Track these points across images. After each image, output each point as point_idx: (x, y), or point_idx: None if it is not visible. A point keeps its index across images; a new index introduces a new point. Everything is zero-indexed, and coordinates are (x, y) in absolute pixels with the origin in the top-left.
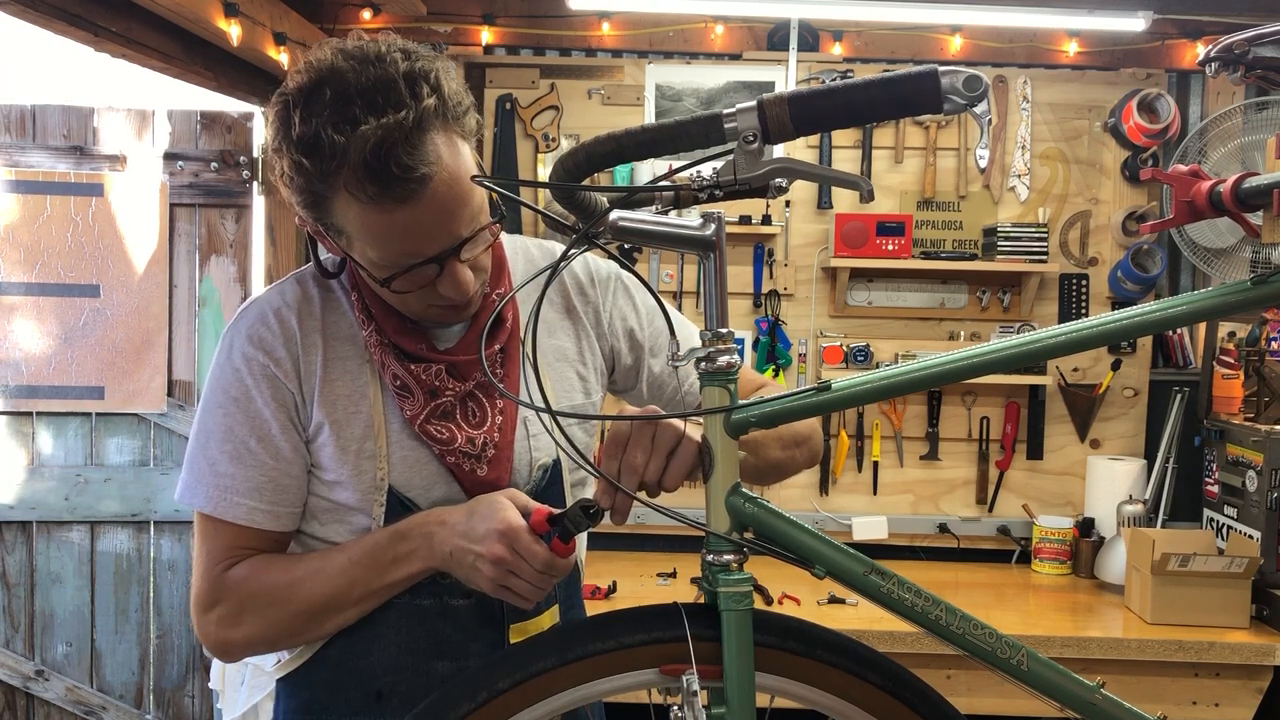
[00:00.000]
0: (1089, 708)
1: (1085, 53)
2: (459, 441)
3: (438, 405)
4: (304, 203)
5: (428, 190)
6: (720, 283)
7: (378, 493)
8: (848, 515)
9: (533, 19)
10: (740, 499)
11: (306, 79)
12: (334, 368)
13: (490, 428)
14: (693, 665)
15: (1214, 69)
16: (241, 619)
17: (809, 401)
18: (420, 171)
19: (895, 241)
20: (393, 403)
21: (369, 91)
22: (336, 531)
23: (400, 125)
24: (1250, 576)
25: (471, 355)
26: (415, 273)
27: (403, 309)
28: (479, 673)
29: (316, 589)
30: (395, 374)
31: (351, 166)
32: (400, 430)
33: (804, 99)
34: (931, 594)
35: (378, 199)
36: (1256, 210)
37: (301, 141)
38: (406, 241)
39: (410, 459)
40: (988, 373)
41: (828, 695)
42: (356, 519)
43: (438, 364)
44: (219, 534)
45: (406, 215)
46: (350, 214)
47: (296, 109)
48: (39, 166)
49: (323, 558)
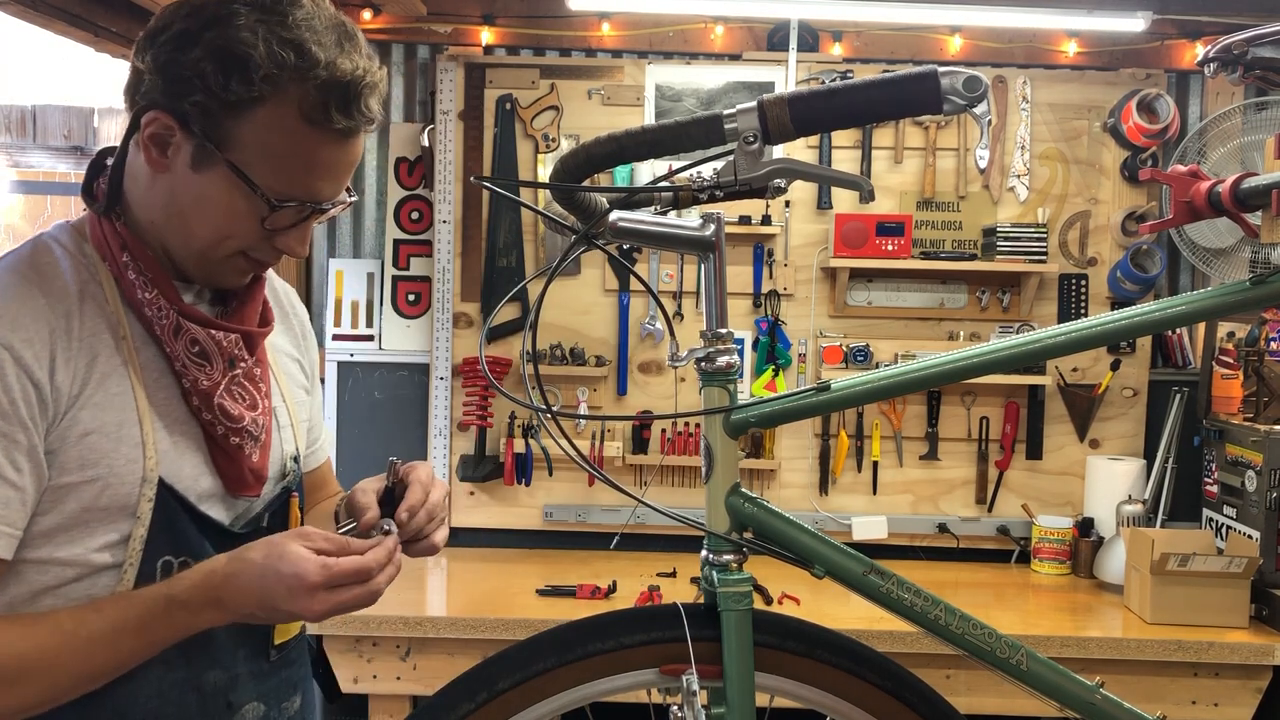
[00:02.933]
0: (1089, 708)
1: (1085, 53)
2: (246, 420)
3: (233, 377)
4: (210, 101)
5: (356, 140)
6: (720, 283)
7: (146, 486)
8: (847, 515)
9: (533, 19)
10: (740, 499)
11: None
12: (89, 345)
13: (262, 410)
14: (692, 665)
15: (1213, 69)
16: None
17: (809, 401)
18: (370, 117)
19: (895, 241)
20: (158, 381)
21: (334, 30)
22: (87, 547)
23: (372, 73)
24: (1250, 576)
25: (260, 329)
26: (289, 210)
27: (211, 251)
28: (479, 672)
29: (69, 658)
30: (194, 339)
31: (318, 83)
32: (164, 412)
33: (804, 100)
34: (931, 594)
35: (321, 124)
36: (1255, 210)
37: (270, 38)
38: (313, 175)
39: (178, 445)
40: (987, 373)
41: (828, 695)
42: (118, 524)
43: (235, 332)
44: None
45: (330, 151)
46: (278, 127)
47: (251, 8)
48: (39, 166)
49: (63, 625)
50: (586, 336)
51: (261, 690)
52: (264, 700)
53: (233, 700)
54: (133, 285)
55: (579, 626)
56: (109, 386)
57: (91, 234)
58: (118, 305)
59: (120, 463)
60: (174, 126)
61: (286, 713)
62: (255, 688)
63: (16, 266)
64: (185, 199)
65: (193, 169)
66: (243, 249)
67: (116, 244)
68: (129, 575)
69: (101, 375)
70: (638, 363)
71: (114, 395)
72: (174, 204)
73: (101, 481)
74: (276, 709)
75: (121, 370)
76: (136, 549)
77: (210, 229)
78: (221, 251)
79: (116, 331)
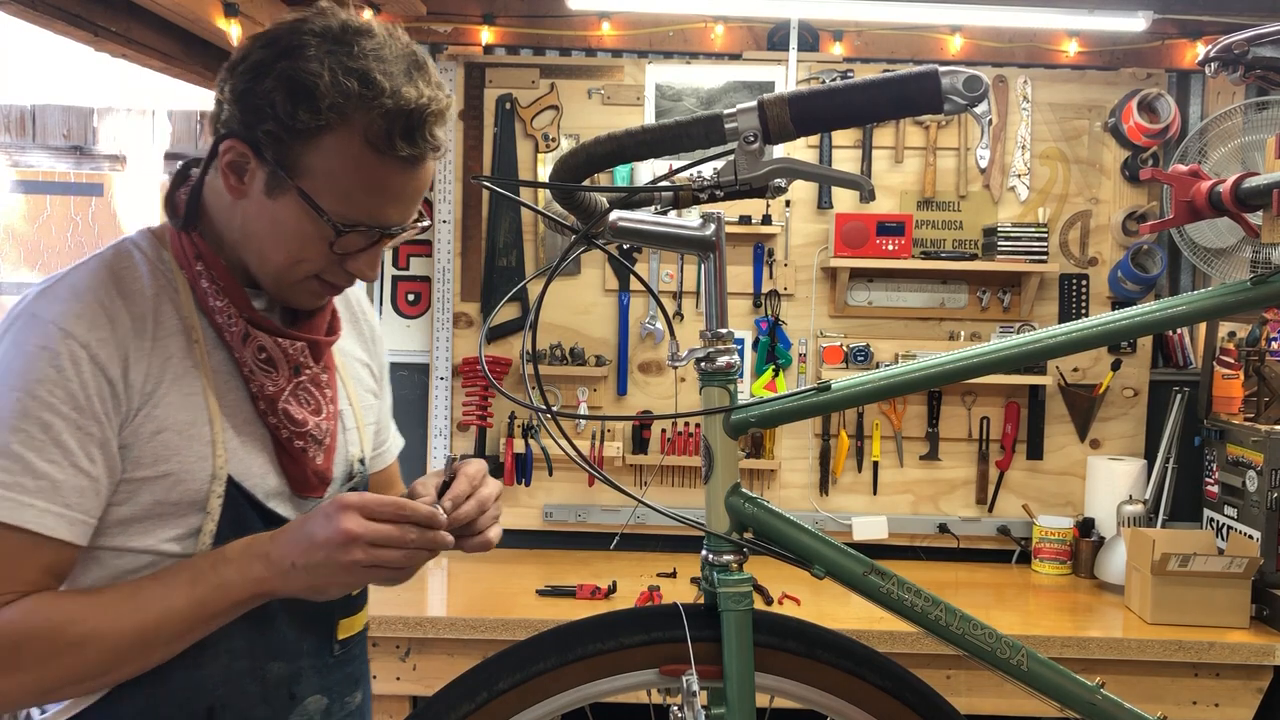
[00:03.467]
0: (1089, 708)
1: (1085, 53)
2: (310, 425)
3: (298, 383)
4: (280, 130)
5: (422, 167)
6: (720, 283)
7: (216, 483)
8: (848, 515)
9: (533, 19)
10: (740, 499)
11: (334, 24)
12: (164, 346)
13: (326, 415)
14: (693, 666)
15: (1214, 69)
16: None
17: (809, 401)
18: (434, 145)
19: (895, 241)
20: (228, 384)
21: (404, 60)
22: (159, 538)
23: (438, 101)
24: (1250, 576)
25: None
26: (357, 235)
27: (286, 274)
28: (479, 672)
29: (123, 622)
30: (261, 345)
31: (383, 111)
32: (234, 414)
33: (804, 99)
34: (931, 594)
35: (387, 151)
36: (1256, 210)
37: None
38: (381, 201)
39: (246, 446)
40: (988, 373)
41: (828, 695)
42: (189, 518)
43: (302, 340)
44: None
45: (397, 179)
46: (345, 154)
47: (323, 39)
48: (39, 166)
49: (123, 587)
50: (586, 336)
51: (325, 684)
52: (327, 694)
53: (296, 692)
54: (205, 293)
55: (579, 626)
56: (181, 387)
57: (170, 242)
58: (192, 310)
59: (191, 460)
60: (249, 154)
61: (348, 707)
62: (319, 681)
63: (97, 270)
64: (260, 224)
65: (267, 195)
66: (315, 273)
67: (192, 254)
68: None
69: (174, 376)
70: (638, 363)
71: (186, 396)
72: (250, 228)
73: (173, 477)
74: (339, 703)
75: (194, 372)
76: (206, 542)
77: (284, 253)
78: (295, 275)
79: (190, 335)
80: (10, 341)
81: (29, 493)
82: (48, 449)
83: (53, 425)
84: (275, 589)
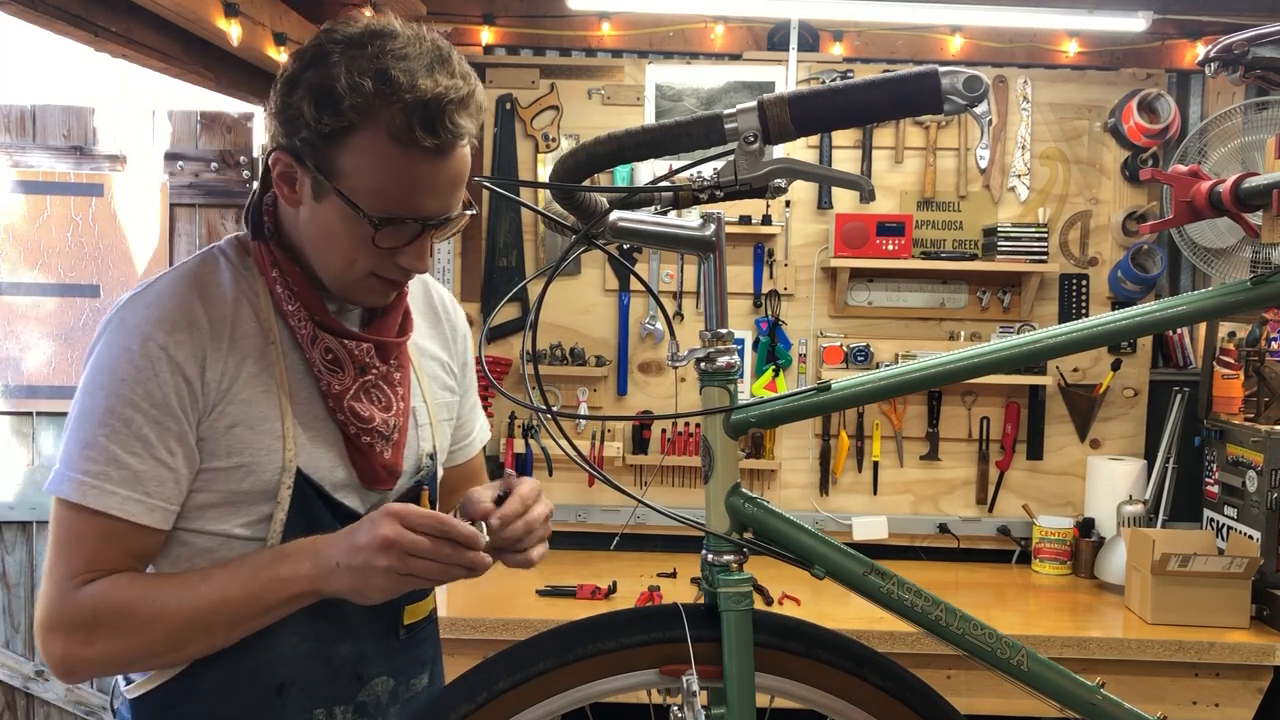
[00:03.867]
0: (1089, 708)
1: (1085, 53)
2: (377, 421)
3: (364, 382)
4: (312, 136)
5: (453, 154)
6: (720, 283)
7: (286, 475)
8: (848, 515)
9: (533, 19)
10: (740, 499)
11: (356, 30)
12: (240, 347)
13: (396, 412)
14: (693, 666)
15: (1214, 69)
16: (96, 637)
17: (809, 401)
18: (458, 133)
19: (895, 241)
20: (300, 382)
21: (428, 55)
22: (234, 524)
23: (457, 89)
24: (1250, 576)
25: (394, 338)
26: (398, 228)
27: (345, 274)
28: (479, 672)
29: (187, 604)
30: (328, 347)
31: (402, 105)
32: (304, 410)
33: (804, 99)
34: (931, 594)
35: (412, 144)
36: (1256, 210)
37: (353, 70)
38: (413, 193)
39: (315, 440)
40: (988, 373)
41: (828, 695)
42: (260, 506)
43: (368, 342)
44: (82, 535)
45: (426, 169)
46: (372, 151)
47: (345, 45)
48: (39, 166)
49: (192, 574)
50: (586, 336)
51: (392, 666)
52: (394, 675)
53: (362, 673)
54: (280, 298)
55: (579, 626)
56: (256, 385)
57: (253, 250)
58: (270, 314)
59: (262, 453)
60: (293, 164)
61: (414, 688)
62: (386, 663)
63: (182, 277)
64: (314, 228)
65: (315, 200)
66: (370, 270)
67: (268, 261)
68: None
69: (250, 375)
70: (638, 363)
71: (260, 393)
72: (307, 233)
73: (245, 468)
74: (405, 685)
75: (268, 372)
76: (276, 529)
77: (338, 254)
78: (353, 274)
79: (267, 337)
80: (103, 344)
81: (113, 482)
82: (130, 442)
83: (134, 420)
84: (321, 588)
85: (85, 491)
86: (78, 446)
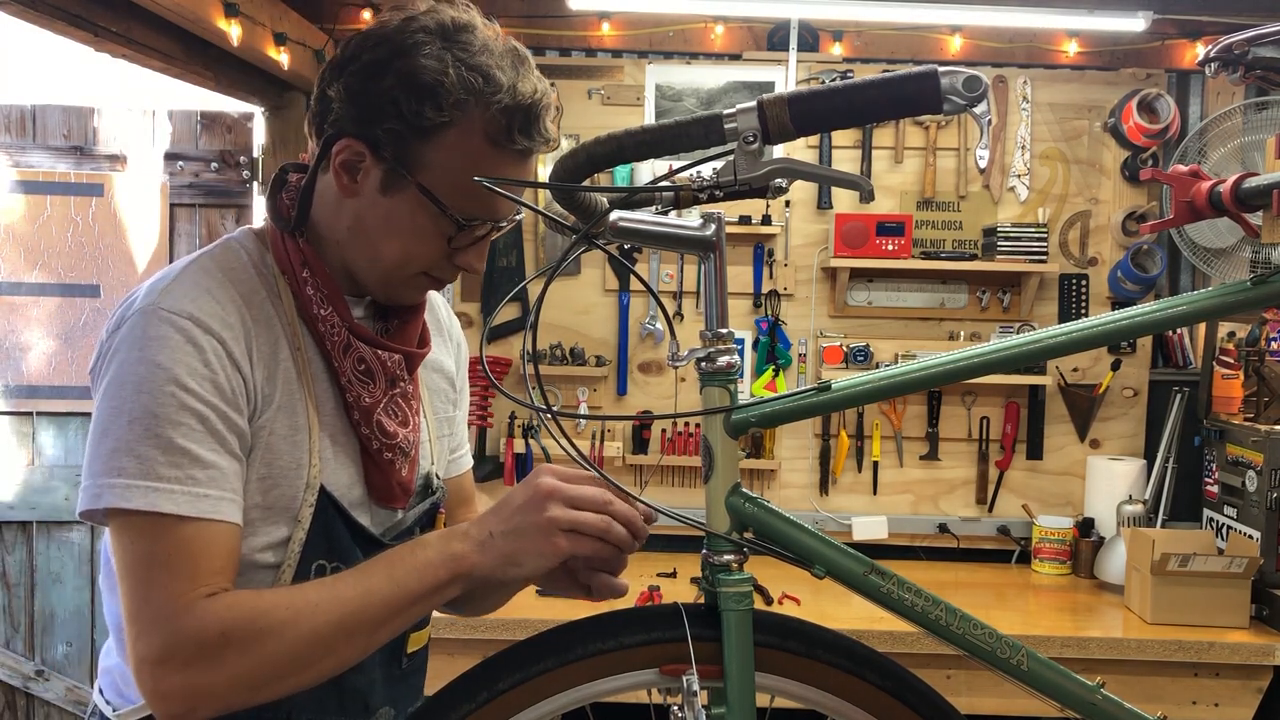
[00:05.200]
0: (1089, 708)
1: (1085, 53)
2: (399, 437)
3: (392, 396)
4: (402, 127)
5: (532, 159)
6: (720, 283)
7: (309, 492)
8: (848, 515)
9: (533, 19)
10: (740, 499)
11: (442, 20)
12: (274, 351)
13: (413, 427)
14: (693, 665)
15: (1214, 69)
16: (226, 655)
17: (809, 401)
18: (548, 138)
19: (895, 241)
20: (326, 395)
21: (510, 55)
22: (251, 546)
23: (548, 94)
24: (1250, 576)
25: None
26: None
27: (396, 270)
28: (480, 672)
29: (327, 604)
30: (361, 357)
31: (502, 107)
32: (330, 423)
33: (804, 99)
34: (931, 594)
35: (505, 144)
36: (1256, 210)
37: (460, 64)
38: (494, 195)
39: (338, 456)
40: (988, 373)
41: (828, 695)
42: (280, 525)
43: (399, 353)
44: (178, 549)
45: (510, 172)
46: (463, 148)
47: (437, 36)
48: (39, 166)
49: (319, 581)
50: (586, 336)
51: (393, 695)
52: (394, 705)
53: (370, 703)
54: (310, 301)
55: (579, 626)
56: (287, 393)
57: (273, 247)
58: (294, 317)
59: (290, 466)
60: (365, 153)
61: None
62: (388, 692)
63: (210, 268)
64: (373, 221)
65: (382, 193)
66: (425, 269)
67: (298, 260)
68: (286, 576)
69: (282, 382)
70: (638, 363)
71: (291, 401)
72: (361, 226)
73: (270, 480)
74: (403, 714)
75: (297, 380)
76: (295, 550)
77: (398, 250)
78: (406, 271)
79: (293, 342)
80: (148, 337)
81: (200, 484)
82: (207, 439)
83: (208, 416)
84: (474, 564)
85: (176, 499)
86: (151, 450)
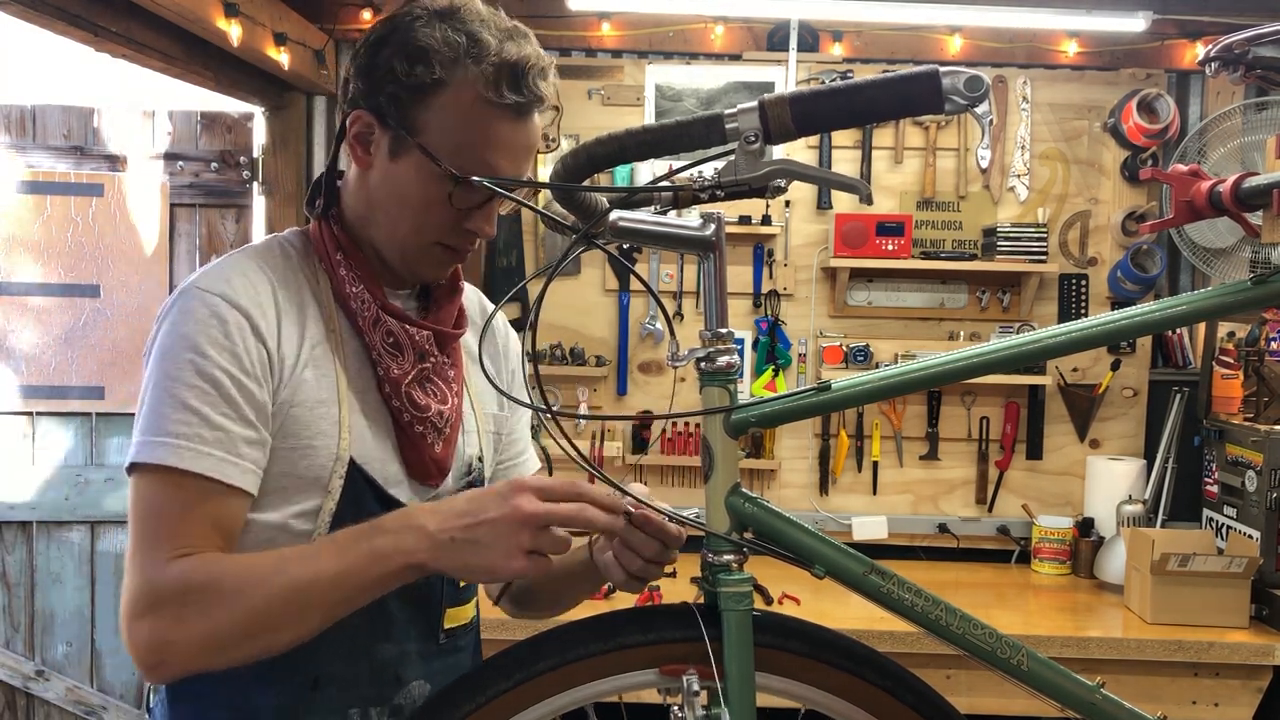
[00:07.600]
0: (1089, 707)
1: (1085, 53)
2: (431, 411)
3: (422, 370)
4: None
5: (532, 117)
6: (720, 283)
7: (339, 464)
8: (848, 515)
9: (532, 19)
10: (740, 499)
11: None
12: (308, 329)
13: (450, 406)
14: (693, 665)
15: (1214, 69)
16: (186, 614)
17: (809, 401)
18: (540, 95)
19: (895, 241)
20: (359, 371)
21: (509, 28)
22: (283, 514)
23: (540, 57)
24: (1250, 576)
25: (452, 329)
26: (472, 189)
27: (412, 239)
28: (480, 672)
29: (273, 583)
30: (389, 330)
31: (491, 65)
32: (361, 399)
33: (805, 99)
34: (931, 594)
35: (497, 102)
36: (1256, 210)
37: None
38: (490, 152)
39: (370, 430)
40: (987, 373)
41: (828, 695)
42: (311, 496)
43: (428, 329)
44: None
45: (506, 128)
46: (456, 106)
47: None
48: (39, 166)
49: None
50: (586, 336)
51: (429, 671)
52: (430, 680)
53: (402, 675)
54: (343, 280)
55: (579, 626)
56: (317, 368)
57: (313, 236)
58: (330, 301)
59: (318, 439)
60: (373, 123)
61: None
62: (423, 667)
63: (251, 255)
64: (385, 190)
65: (390, 159)
66: (438, 239)
67: (331, 243)
68: None
69: (313, 359)
70: (638, 363)
71: (321, 377)
72: (376, 196)
73: (299, 451)
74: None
75: (329, 358)
76: (325, 520)
77: (409, 216)
78: (421, 241)
79: (329, 325)
80: (179, 311)
81: (207, 443)
82: (220, 404)
83: (223, 383)
84: (426, 562)
85: (181, 454)
86: (166, 410)
